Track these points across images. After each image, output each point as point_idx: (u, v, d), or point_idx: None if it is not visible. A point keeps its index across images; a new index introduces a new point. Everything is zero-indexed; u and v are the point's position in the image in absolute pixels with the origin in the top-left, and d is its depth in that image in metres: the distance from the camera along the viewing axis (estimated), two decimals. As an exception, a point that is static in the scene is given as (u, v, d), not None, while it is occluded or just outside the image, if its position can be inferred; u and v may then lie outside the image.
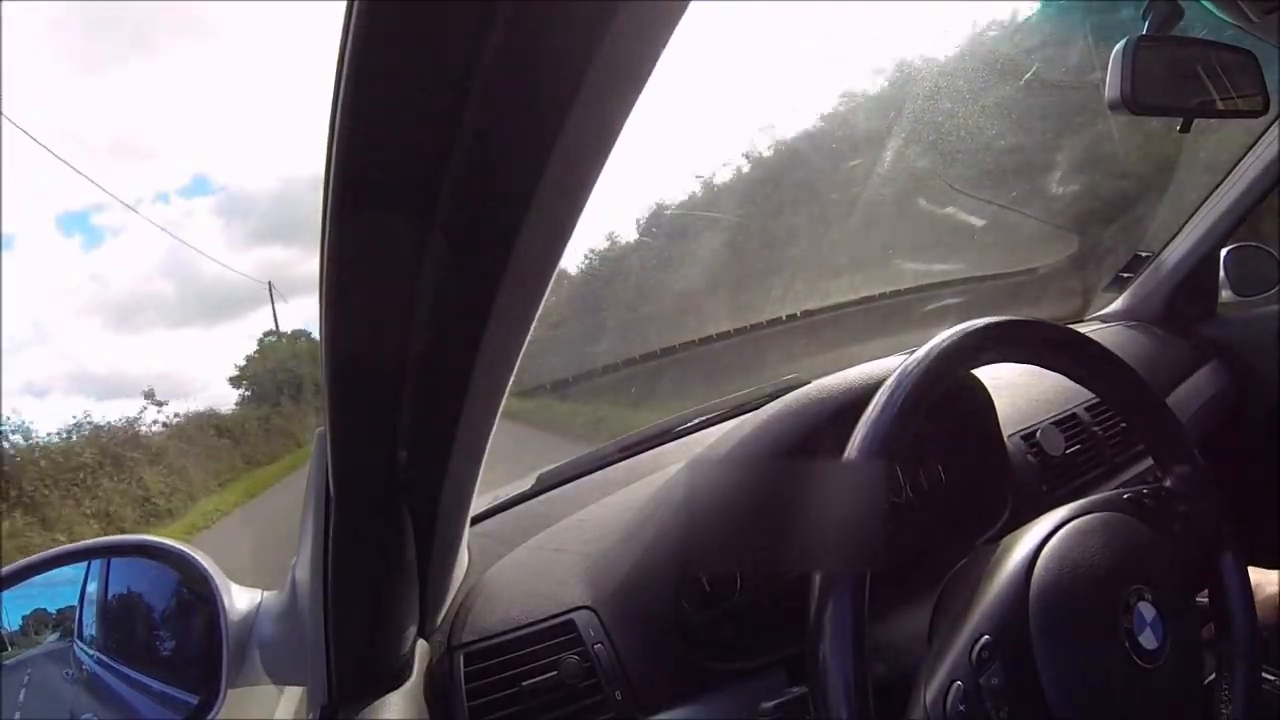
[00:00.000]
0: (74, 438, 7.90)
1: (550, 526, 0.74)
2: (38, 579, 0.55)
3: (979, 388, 0.75)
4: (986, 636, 0.45)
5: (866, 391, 0.54)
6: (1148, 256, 1.36)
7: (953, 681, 0.45)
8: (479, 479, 0.53)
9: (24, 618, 0.55)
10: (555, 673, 0.58)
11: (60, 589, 0.56)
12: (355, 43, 0.25)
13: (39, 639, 0.55)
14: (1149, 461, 0.87)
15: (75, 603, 0.56)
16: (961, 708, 0.44)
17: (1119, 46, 0.85)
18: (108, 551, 0.57)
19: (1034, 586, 0.47)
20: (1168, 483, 0.59)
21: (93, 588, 0.56)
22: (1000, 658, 0.45)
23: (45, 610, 0.55)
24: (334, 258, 0.33)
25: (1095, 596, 0.47)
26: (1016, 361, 0.57)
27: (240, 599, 0.56)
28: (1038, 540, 0.49)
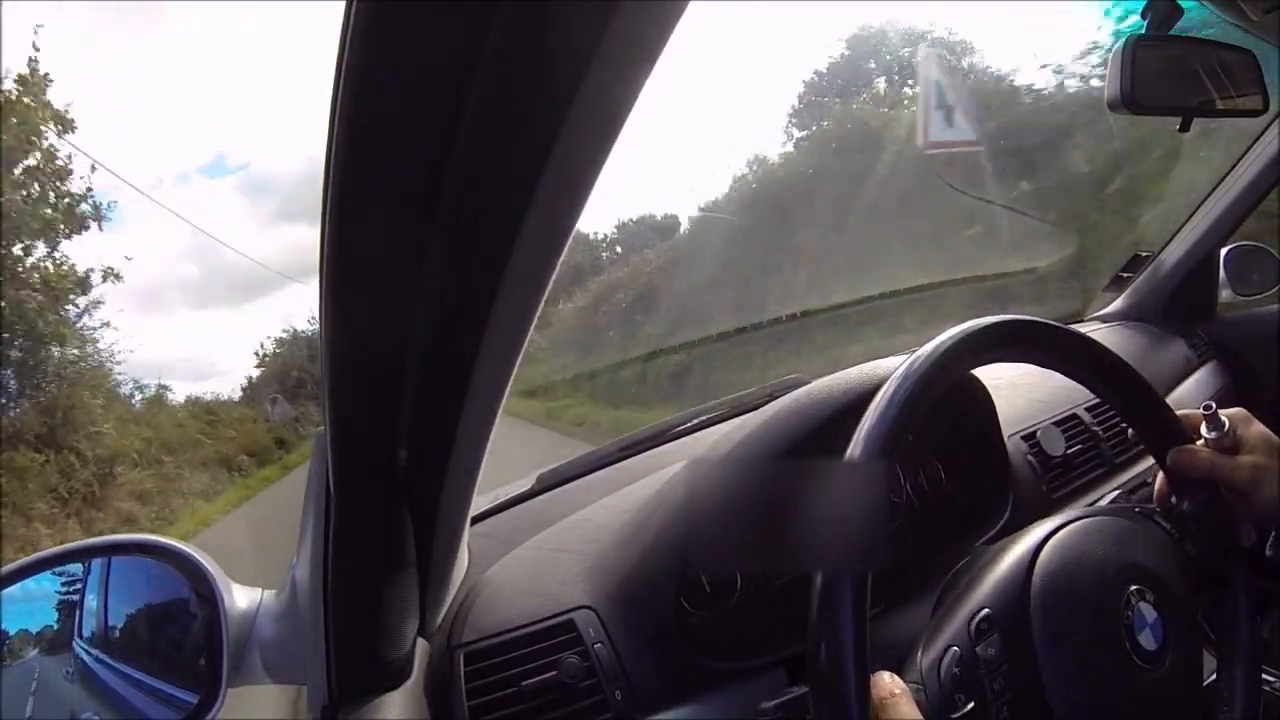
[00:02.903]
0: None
1: (550, 526, 0.74)
2: (38, 578, 0.55)
3: (979, 388, 0.75)
4: (986, 610, 0.46)
5: (867, 391, 0.53)
6: (1148, 256, 1.36)
7: (949, 647, 0.46)
8: (479, 479, 0.53)
9: (24, 617, 0.55)
10: (555, 672, 0.58)
11: (61, 588, 0.56)
12: (355, 41, 0.25)
13: (39, 638, 0.55)
14: (1149, 461, 0.87)
15: (75, 602, 0.56)
16: (956, 670, 0.45)
17: (1118, 45, 0.85)
18: (108, 550, 0.57)
19: (1037, 570, 0.47)
20: (1184, 504, 0.57)
21: (93, 587, 0.56)
22: (998, 631, 0.45)
23: (46, 609, 0.55)
24: (334, 258, 0.33)
25: (1097, 588, 0.47)
26: (1018, 361, 0.57)
27: (240, 598, 0.56)
28: (1044, 533, 0.50)
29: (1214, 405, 0.56)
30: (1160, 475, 0.58)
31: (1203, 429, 0.57)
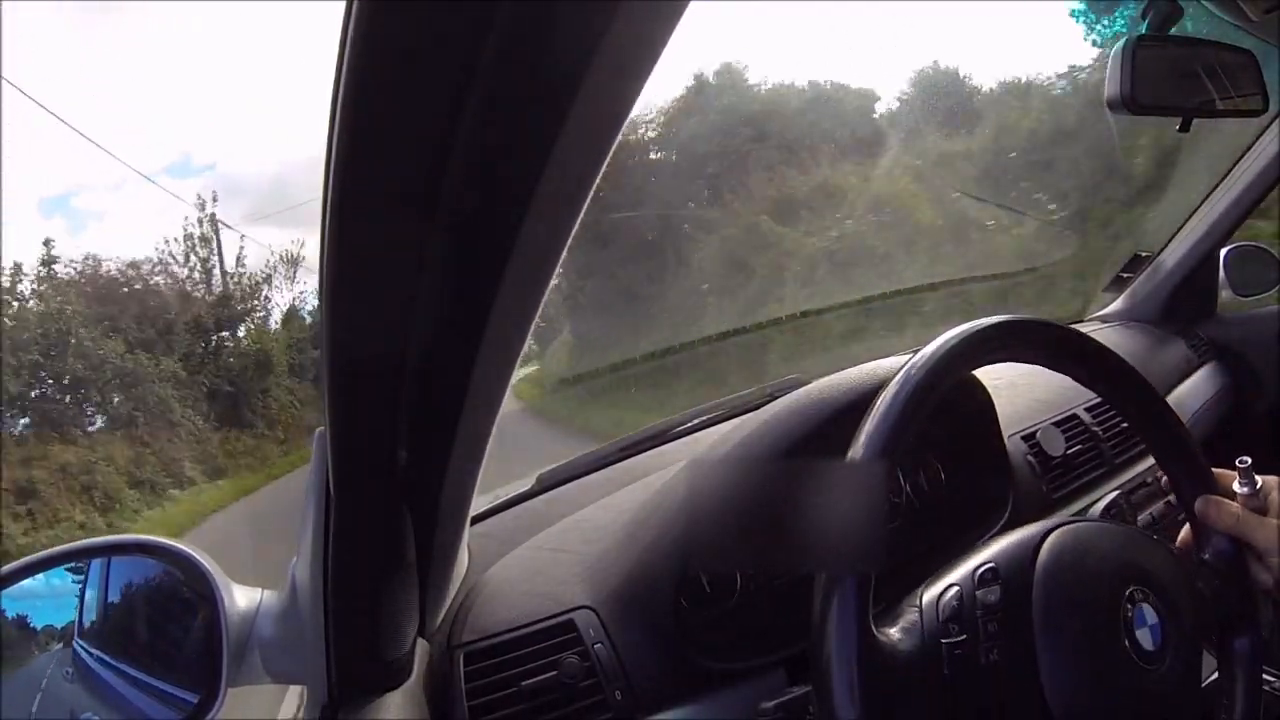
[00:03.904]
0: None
1: (550, 526, 0.74)
2: (38, 578, 0.55)
3: (979, 388, 0.75)
4: (992, 564, 0.47)
5: (867, 391, 0.53)
6: (1148, 256, 1.36)
7: (952, 585, 0.47)
8: (479, 479, 0.53)
9: (24, 617, 0.55)
10: (555, 672, 0.58)
11: (60, 588, 0.56)
12: (355, 42, 0.25)
13: (39, 638, 0.55)
14: (1149, 461, 0.87)
15: (75, 602, 0.56)
16: (955, 604, 0.46)
17: (1118, 46, 0.85)
18: (108, 550, 0.57)
19: (1045, 548, 0.48)
20: (1205, 554, 0.56)
21: (93, 587, 0.56)
22: (1001, 583, 0.46)
23: (45, 610, 0.56)
24: (334, 257, 0.33)
25: (1099, 579, 0.47)
26: (1020, 362, 0.57)
27: (240, 598, 0.56)
28: (1054, 523, 0.51)
29: (1249, 460, 0.56)
30: (1186, 526, 0.57)
31: (1235, 485, 0.56)
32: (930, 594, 0.47)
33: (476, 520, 0.76)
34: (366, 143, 0.29)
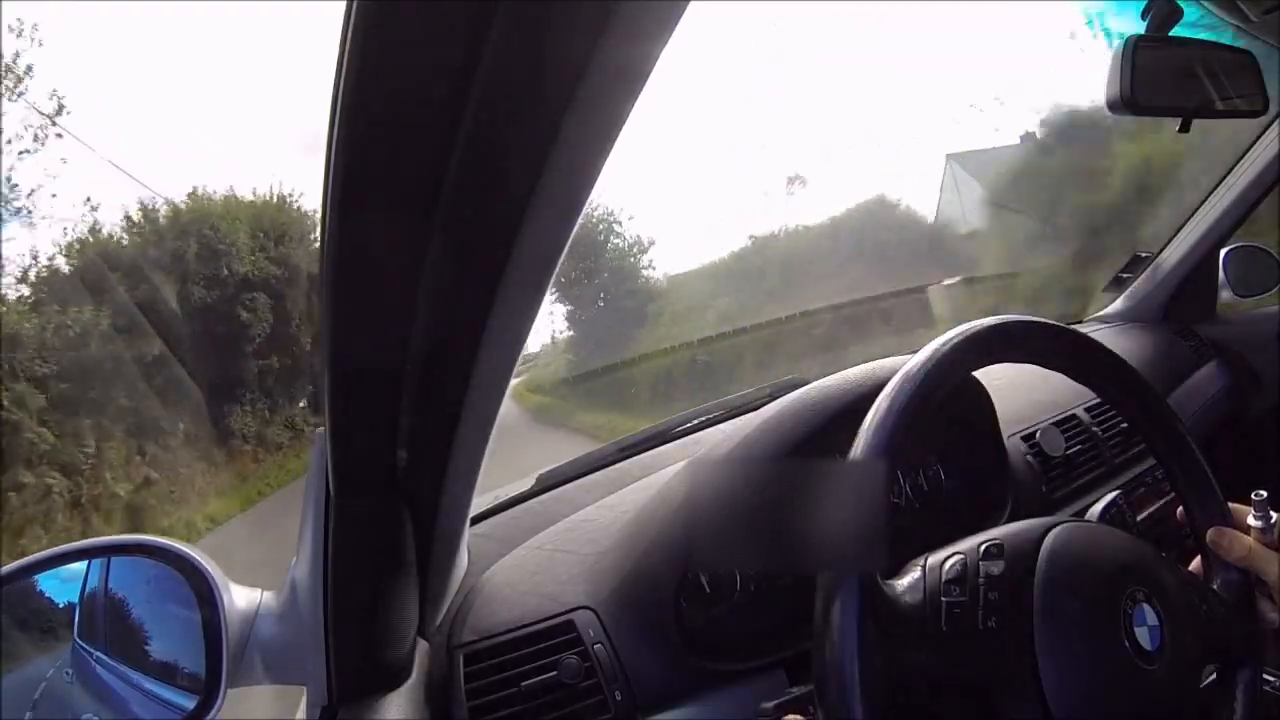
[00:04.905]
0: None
1: (550, 526, 0.74)
2: (38, 578, 0.55)
3: (979, 388, 0.75)
4: (998, 540, 0.48)
5: (868, 392, 0.54)
6: (1147, 257, 1.36)
7: (955, 554, 0.47)
8: (479, 479, 0.53)
9: (25, 617, 0.55)
10: (555, 673, 0.58)
11: (61, 588, 0.56)
12: (355, 43, 0.25)
13: (39, 638, 0.55)
14: (1150, 462, 0.87)
15: (76, 602, 0.56)
16: (959, 569, 0.46)
17: (1118, 46, 0.85)
18: (108, 551, 0.57)
19: (1051, 538, 0.48)
20: (1214, 583, 0.55)
21: (93, 587, 0.56)
22: (1006, 559, 0.47)
23: (46, 610, 0.56)
24: (334, 258, 0.33)
25: (1102, 575, 0.47)
26: (1022, 362, 0.57)
27: (240, 599, 0.56)
28: (1061, 518, 0.51)
29: (1265, 494, 0.55)
30: (1199, 557, 0.57)
31: (1250, 519, 0.55)
32: (934, 560, 0.48)
33: (476, 520, 0.76)
34: (367, 145, 0.29)
